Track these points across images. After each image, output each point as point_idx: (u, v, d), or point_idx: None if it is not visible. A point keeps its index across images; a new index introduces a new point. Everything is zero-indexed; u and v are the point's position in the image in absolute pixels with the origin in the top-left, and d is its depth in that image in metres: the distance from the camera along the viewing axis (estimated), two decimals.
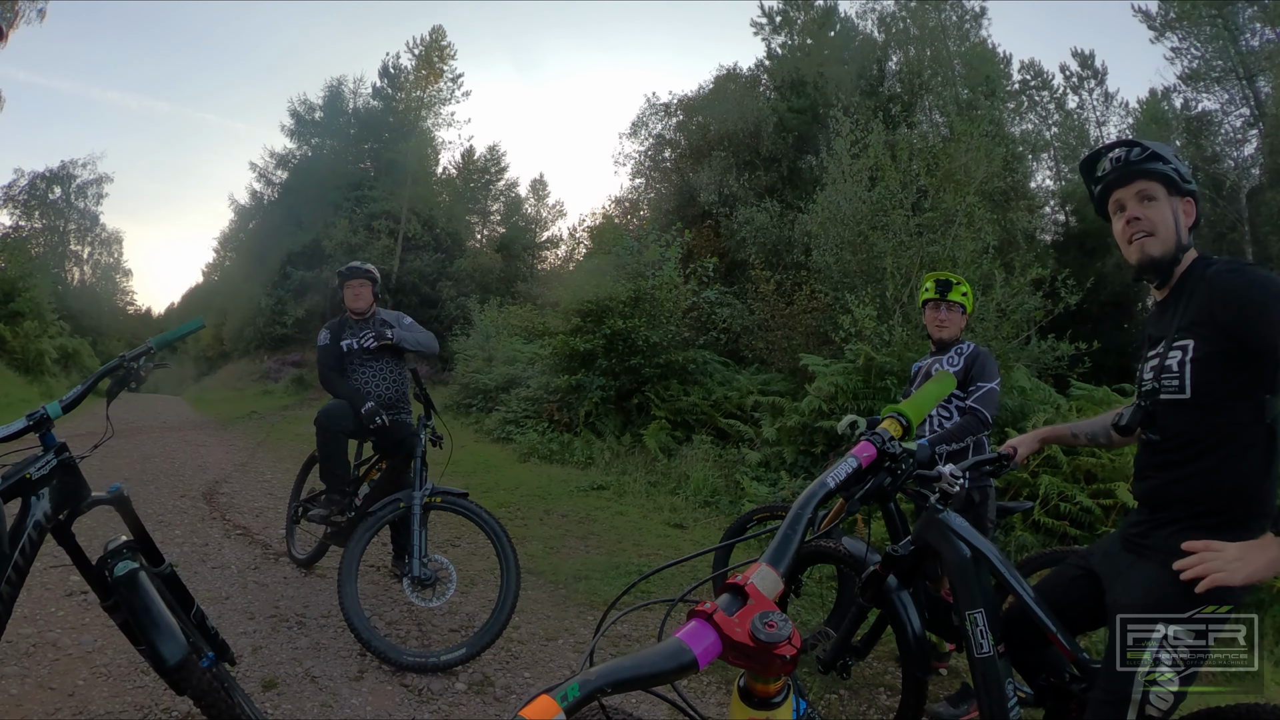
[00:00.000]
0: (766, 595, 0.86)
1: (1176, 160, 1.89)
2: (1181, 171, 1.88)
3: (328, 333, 4.79)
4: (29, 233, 40.78)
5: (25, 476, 2.15)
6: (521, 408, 13.37)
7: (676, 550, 6.22)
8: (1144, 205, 1.90)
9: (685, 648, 0.78)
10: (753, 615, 0.81)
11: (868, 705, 3.61)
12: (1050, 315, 9.60)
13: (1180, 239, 1.87)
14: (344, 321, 4.82)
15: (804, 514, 1.06)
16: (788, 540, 0.99)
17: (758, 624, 0.80)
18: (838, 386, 7.98)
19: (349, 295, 4.79)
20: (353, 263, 4.87)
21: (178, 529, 5.88)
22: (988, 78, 21.04)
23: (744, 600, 0.85)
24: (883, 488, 1.94)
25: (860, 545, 2.58)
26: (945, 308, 3.96)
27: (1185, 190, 1.88)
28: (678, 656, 0.78)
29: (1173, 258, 1.88)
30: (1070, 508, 5.99)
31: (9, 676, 3.17)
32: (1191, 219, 1.90)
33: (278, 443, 12.84)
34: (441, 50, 36.62)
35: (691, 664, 0.78)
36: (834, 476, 1.22)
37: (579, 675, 0.75)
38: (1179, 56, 20.94)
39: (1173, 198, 1.88)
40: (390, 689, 3.39)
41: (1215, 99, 20.30)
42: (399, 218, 32.31)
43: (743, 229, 16.03)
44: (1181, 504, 1.83)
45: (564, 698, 0.72)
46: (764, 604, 0.84)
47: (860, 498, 1.75)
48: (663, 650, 0.78)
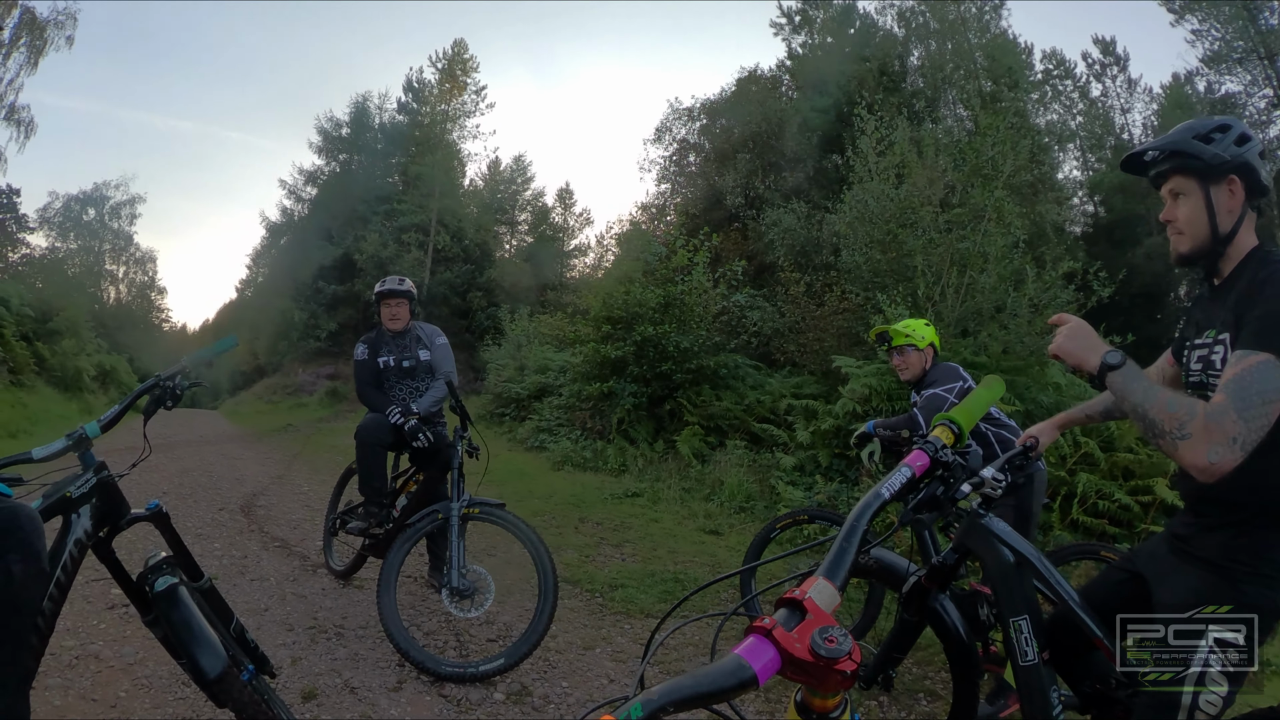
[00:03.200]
0: (825, 609, 0.85)
1: (1205, 142, 1.78)
2: (1211, 154, 1.76)
3: (365, 347, 4.77)
4: (65, 254, 41.80)
5: (65, 495, 2.17)
6: (554, 416, 13.40)
7: (712, 556, 6.17)
8: (1175, 204, 1.84)
9: (745, 664, 0.77)
10: (812, 630, 0.80)
11: (908, 711, 3.55)
12: (1083, 309, 9.42)
13: (1215, 229, 1.78)
14: (381, 336, 4.81)
15: (860, 526, 1.04)
16: (844, 553, 0.98)
17: (818, 639, 0.79)
18: (871, 388, 7.90)
19: (386, 315, 4.75)
20: (389, 280, 4.80)
21: (216, 542, 5.94)
22: (1010, 69, 20.85)
23: (802, 615, 0.84)
24: (936, 496, 1.90)
25: (896, 558, 2.52)
26: (897, 354, 4.12)
27: (1224, 171, 1.77)
28: (738, 674, 0.77)
29: (1207, 250, 1.80)
30: (1109, 506, 5.88)
31: (52, 688, 3.21)
32: (1238, 198, 1.78)
33: (313, 455, 12.97)
34: (464, 63, 36.93)
35: (751, 680, 0.76)
36: (888, 487, 1.21)
37: (640, 695, 0.74)
38: (1199, 39, 20.83)
39: (1208, 185, 1.78)
40: (429, 699, 3.39)
41: (1238, 80, 20.12)
42: (428, 230, 32.58)
43: (770, 231, 15.97)
44: (1227, 505, 1.75)
45: (627, 718, 0.71)
46: (823, 619, 0.83)
47: (914, 507, 1.71)
48: (722, 668, 0.77)
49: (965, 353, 8.14)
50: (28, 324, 19.99)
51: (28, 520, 1.87)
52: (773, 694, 3.59)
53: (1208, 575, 1.75)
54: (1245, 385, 1.54)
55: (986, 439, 3.74)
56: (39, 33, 24.08)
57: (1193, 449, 1.55)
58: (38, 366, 19.36)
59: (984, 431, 3.77)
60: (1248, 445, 1.51)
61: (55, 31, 24.66)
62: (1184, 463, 1.59)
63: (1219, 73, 20.39)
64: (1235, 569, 1.70)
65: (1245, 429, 1.51)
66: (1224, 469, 1.53)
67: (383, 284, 4.79)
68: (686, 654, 4.08)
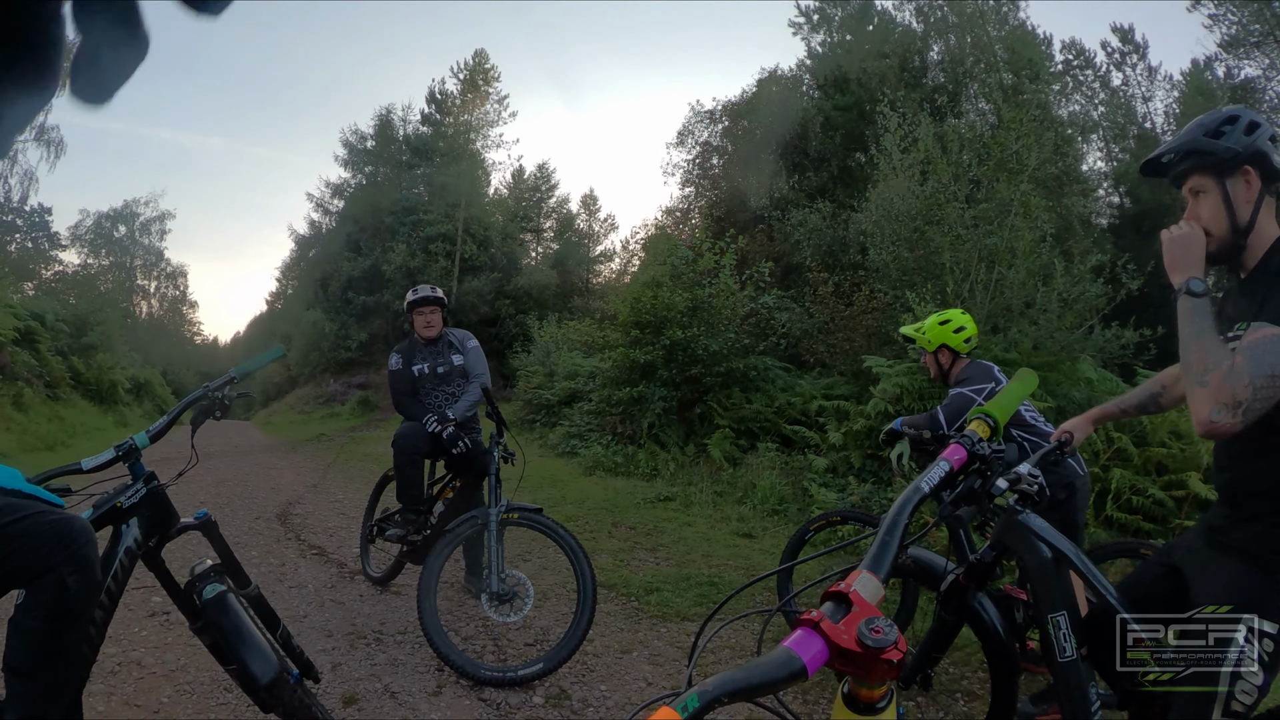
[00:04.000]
0: (870, 601, 0.87)
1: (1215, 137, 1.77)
2: (1223, 148, 1.76)
3: (399, 357, 4.82)
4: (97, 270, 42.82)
5: (116, 505, 2.22)
6: (584, 421, 13.42)
7: (746, 559, 6.16)
8: (1196, 202, 1.84)
9: (794, 656, 0.79)
10: (859, 621, 0.82)
11: (946, 711, 3.52)
12: (1113, 303, 9.32)
13: (1235, 222, 1.77)
14: (413, 345, 4.86)
15: (901, 519, 1.06)
16: (886, 546, 1.00)
17: (864, 630, 0.81)
18: (903, 387, 7.85)
19: (420, 324, 4.80)
20: (420, 288, 4.85)
21: (254, 550, 6.03)
22: (1030, 61, 20.68)
23: (848, 607, 0.86)
24: (973, 490, 1.88)
25: (933, 556, 2.50)
26: (924, 356, 4.15)
27: (1238, 162, 1.76)
28: (788, 665, 0.78)
29: (1229, 244, 1.79)
30: (1143, 501, 5.80)
31: (96, 694, 3.27)
32: (1255, 187, 1.76)
33: (347, 463, 13.10)
34: (485, 73, 37.19)
35: (801, 671, 0.78)
36: (928, 481, 1.22)
37: (696, 687, 0.76)
38: (1217, 23, 20.57)
39: (1224, 179, 1.78)
40: (468, 703, 3.41)
41: (1257, 64, 19.83)
42: (454, 239, 32.84)
43: (796, 231, 15.93)
44: (1264, 497, 1.74)
45: (684, 708, 0.73)
46: (868, 610, 0.85)
47: (952, 501, 1.70)
48: (773, 659, 0.79)
49: (996, 350, 8.06)
50: (62, 339, 20.42)
51: (81, 532, 1.89)
52: (810, 695, 3.57)
53: (1245, 566, 1.74)
54: (1260, 354, 1.55)
55: (1021, 445, 3.68)
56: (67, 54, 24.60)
57: (1202, 400, 1.58)
58: (73, 380, 19.72)
59: (1016, 437, 3.72)
60: (1250, 414, 1.53)
61: None
62: (1191, 407, 1.62)
63: (1237, 57, 20.17)
64: (1273, 559, 1.69)
65: (1252, 396, 1.52)
66: (1221, 432, 1.56)
67: (414, 293, 4.84)
68: (724, 657, 4.07)
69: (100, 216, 44.07)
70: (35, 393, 16.44)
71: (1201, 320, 1.67)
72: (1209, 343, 1.62)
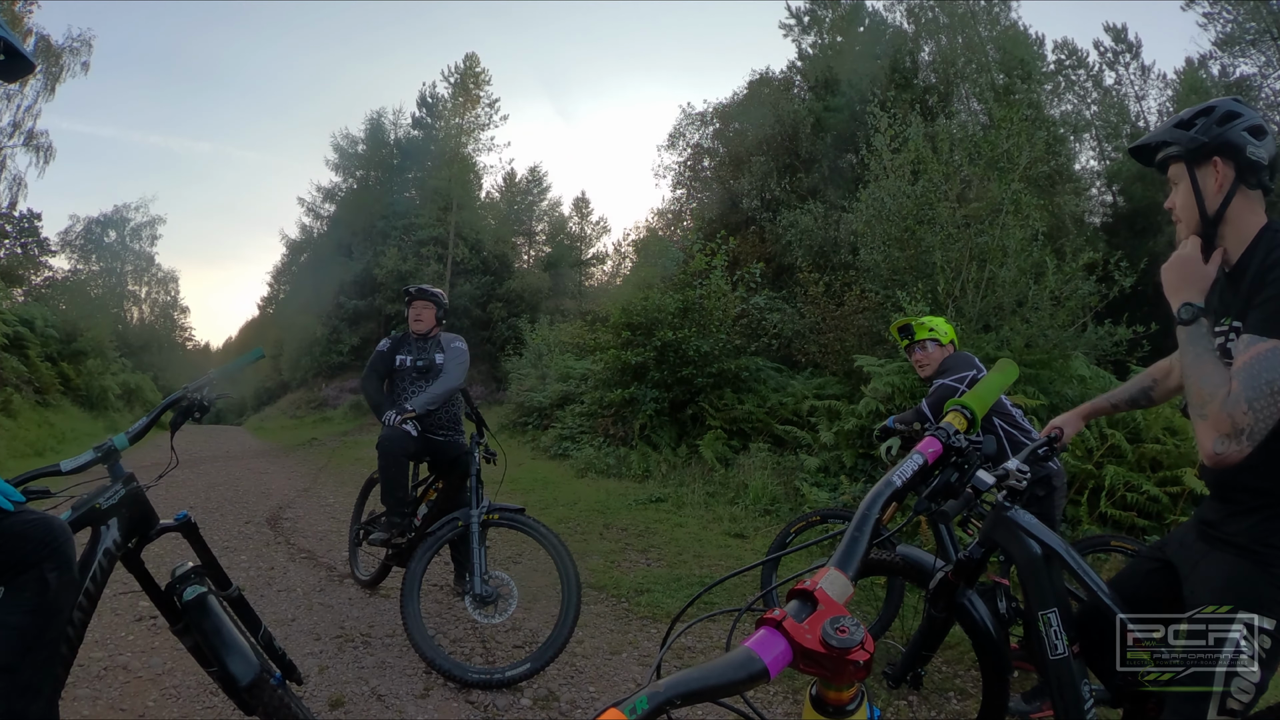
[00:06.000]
0: (836, 600, 0.84)
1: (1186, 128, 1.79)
2: (1187, 138, 1.77)
3: (389, 342, 4.98)
4: (87, 275, 42.42)
5: (95, 506, 2.20)
6: (576, 423, 13.43)
7: (738, 560, 6.15)
8: (1174, 193, 1.86)
9: (755, 657, 0.76)
10: (823, 621, 0.79)
11: (938, 710, 3.51)
12: (1105, 300, 9.33)
13: (1204, 211, 1.77)
14: (406, 336, 4.98)
15: (871, 514, 1.03)
16: (855, 543, 0.97)
17: (829, 630, 0.77)
18: (894, 386, 7.85)
19: (412, 316, 4.93)
20: (422, 284, 5.04)
21: (244, 554, 5.99)
22: (1022, 60, 20.64)
23: (813, 606, 0.83)
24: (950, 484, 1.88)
25: (922, 554, 2.49)
26: (919, 349, 4.13)
27: (1205, 153, 1.76)
28: (748, 666, 0.75)
29: (1199, 233, 1.79)
30: (1137, 498, 5.80)
31: (82, 699, 3.26)
32: (1225, 178, 1.75)
33: (338, 468, 13.06)
34: (476, 77, 37.15)
35: (762, 673, 0.75)
36: (900, 475, 1.19)
37: (647, 688, 0.72)
38: (1211, 22, 20.53)
39: (1194, 168, 1.78)
40: (456, 705, 3.40)
41: (1252, 62, 19.79)
42: (446, 243, 32.81)
43: (787, 232, 15.92)
44: (1255, 492, 1.72)
45: (632, 711, 0.69)
46: (834, 609, 0.82)
47: (928, 495, 1.68)
48: (732, 660, 0.76)
49: (988, 348, 8.07)
50: (53, 345, 20.28)
51: (60, 531, 1.92)
52: (801, 695, 3.56)
53: (1238, 560, 1.72)
54: (1255, 374, 1.53)
55: (998, 435, 3.69)
56: (54, 59, 24.53)
57: (1205, 432, 1.57)
58: (63, 386, 19.64)
59: (997, 427, 3.73)
60: (1255, 437, 1.51)
61: (71, 58, 25.17)
62: (1196, 440, 1.61)
63: (1232, 55, 20.14)
64: (1267, 553, 1.67)
65: (1254, 420, 1.50)
66: (1228, 461, 1.53)
67: (415, 286, 5.02)
68: (713, 656, 4.05)
69: (90, 222, 43.74)
70: (24, 399, 16.34)
71: (1196, 347, 1.66)
72: (1205, 371, 1.61)
